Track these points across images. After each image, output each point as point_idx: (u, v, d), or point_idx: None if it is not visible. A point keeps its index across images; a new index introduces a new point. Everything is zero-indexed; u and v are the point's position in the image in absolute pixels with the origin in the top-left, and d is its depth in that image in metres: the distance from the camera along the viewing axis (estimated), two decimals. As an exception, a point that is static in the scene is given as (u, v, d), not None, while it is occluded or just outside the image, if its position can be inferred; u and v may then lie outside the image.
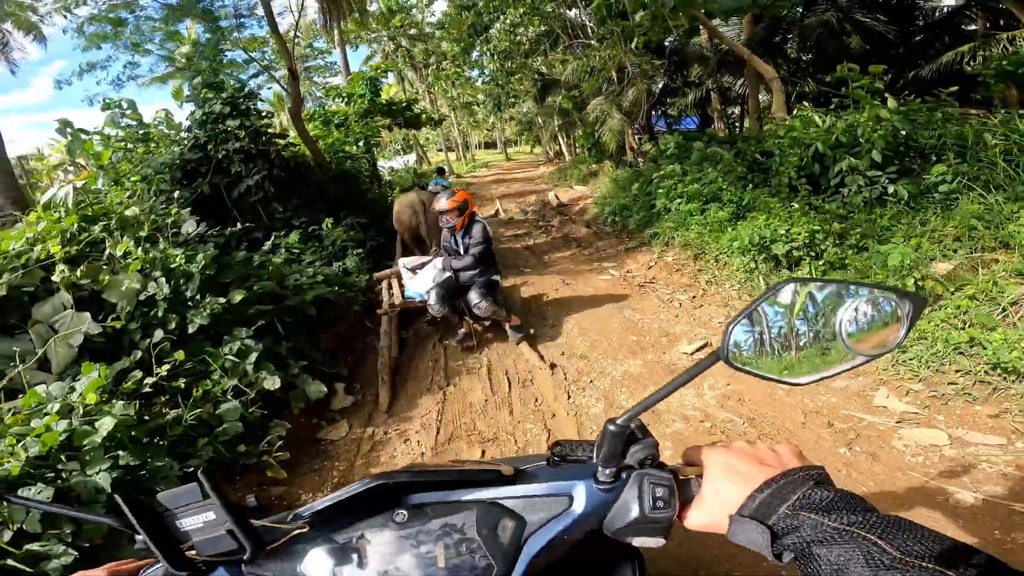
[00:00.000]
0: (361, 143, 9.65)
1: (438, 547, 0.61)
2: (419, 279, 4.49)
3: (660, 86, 13.80)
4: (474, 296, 4.11)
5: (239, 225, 5.47)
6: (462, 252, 4.21)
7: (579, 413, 3.50)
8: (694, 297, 5.29)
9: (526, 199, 15.14)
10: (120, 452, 2.42)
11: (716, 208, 6.40)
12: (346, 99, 10.57)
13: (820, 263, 4.72)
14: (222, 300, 3.11)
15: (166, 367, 2.78)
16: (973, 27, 10.20)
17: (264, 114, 6.61)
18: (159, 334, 3.03)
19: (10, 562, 1.67)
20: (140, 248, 3.19)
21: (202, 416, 2.83)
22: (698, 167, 7.59)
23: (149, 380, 2.58)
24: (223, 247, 4.61)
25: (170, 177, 5.83)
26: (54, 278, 2.97)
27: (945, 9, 11.06)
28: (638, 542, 0.59)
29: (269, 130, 6.77)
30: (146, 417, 2.48)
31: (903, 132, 5.47)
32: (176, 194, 5.59)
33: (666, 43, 12.91)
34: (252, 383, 3.11)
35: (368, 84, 10.81)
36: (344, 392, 3.86)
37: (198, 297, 3.11)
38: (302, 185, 6.70)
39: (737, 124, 14.59)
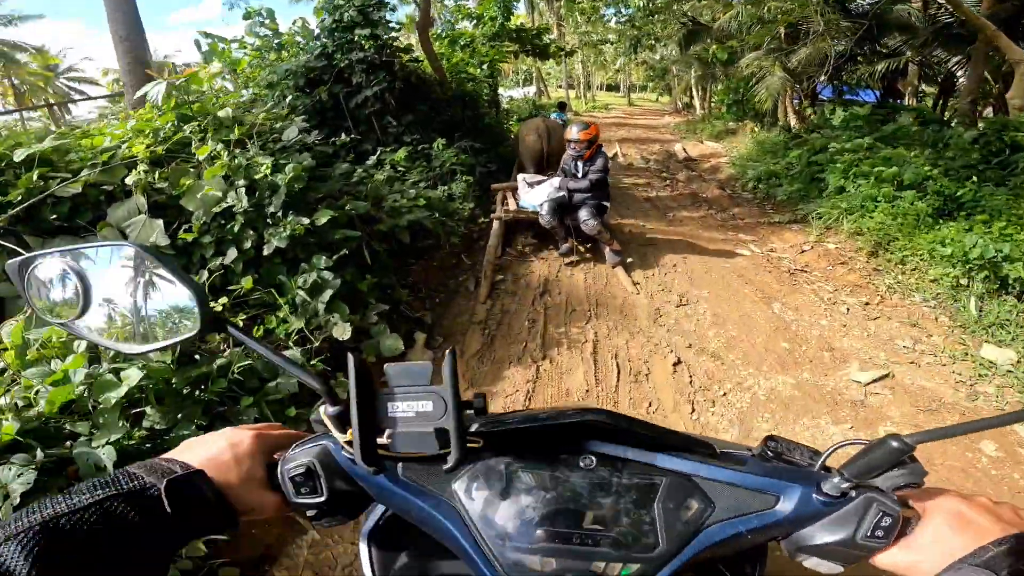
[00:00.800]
0: (485, 66, 8.74)
1: (612, 506, 0.53)
2: (535, 192, 4.71)
3: (841, 49, 11.28)
4: (584, 214, 4.36)
5: (350, 136, 4.98)
6: (580, 176, 4.46)
7: (704, 435, 2.63)
8: (867, 304, 4.02)
9: (649, 147, 13.55)
10: (148, 409, 1.98)
11: (913, 197, 4.87)
12: (476, 21, 9.60)
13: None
14: (305, 221, 2.55)
15: (230, 295, 2.29)
16: None
17: (393, 24, 5.97)
18: (232, 253, 2.55)
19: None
20: (227, 153, 2.69)
21: (255, 365, 2.34)
22: (889, 145, 5.93)
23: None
24: (328, 157, 4.10)
25: (293, 84, 5.46)
26: (128, 180, 2.56)
27: None
28: (813, 563, 0.53)
29: (395, 43, 6.14)
30: (194, 360, 2.00)
31: None
32: (292, 100, 5.20)
33: (865, 3, 10.40)
34: (321, 326, 2.59)
35: (500, 5, 9.74)
36: (424, 345, 3.28)
37: (279, 214, 2.58)
38: (420, 101, 6.06)
39: (936, 106, 11.68)
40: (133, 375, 1.92)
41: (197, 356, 2.42)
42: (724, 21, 11.74)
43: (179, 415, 1.86)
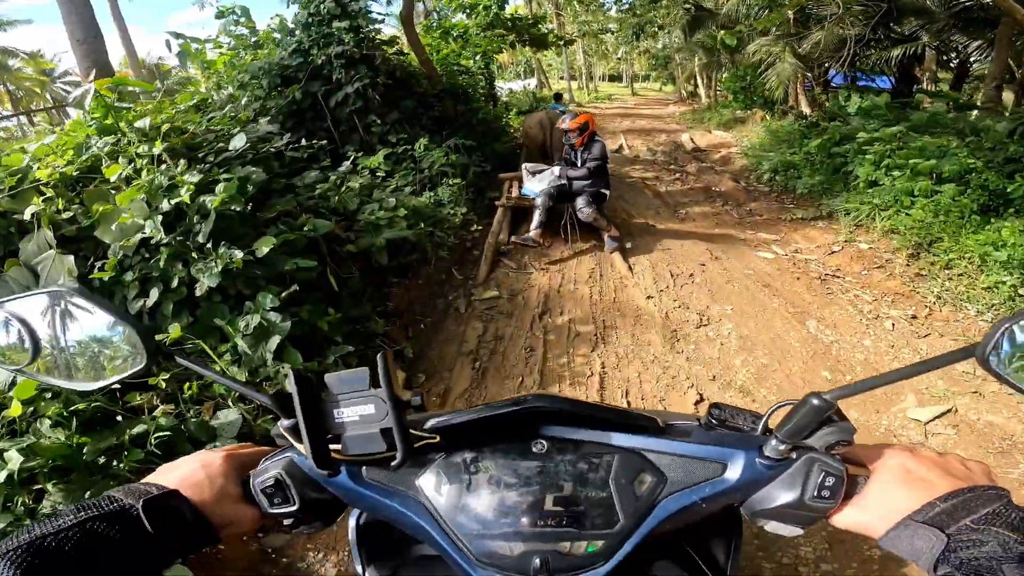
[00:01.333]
0: (479, 57, 8.13)
1: (568, 486, 0.54)
2: (536, 180, 4.82)
3: (853, 33, 10.60)
4: (580, 202, 4.44)
5: (325, 139, 4.47)
6: (579, 165, 4.54)
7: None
8: (915, 318, 3.48)
9: (655, 138, 12.92)
10: (49, 487, 1.58)
11: (954, 191, 4.30)
12: (469, 10, 9.00)
13: None
14: (239, 254, 2.05)
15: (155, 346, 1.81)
16: None
17: (375, 15, 5.43)
18: (155, 293, 2.07)
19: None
20: (149, 171, 2.18)
21: (189, 426, 1.87)
22: (922, 133, 5.35)
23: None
24: (302, 163, 3.61)
25: (268, 83, 4.92)
26: (28, 210, 2.08)
27: None
28: (772, 527, 0.54)
29: (378, 36, 5.59)
30: (114, 422, 1.58)
31: None
32: (264, 102, 4.68)
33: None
34: (271, 376, 2.10)
35: (495, -8, 9.15)
36: (403, 386, 2.78)
37: (209, 245, 2.08)
38: (406, 97, 5.51)
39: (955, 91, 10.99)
40: (14, 458, 1.57)
41: (119, 417, 1.97)
42: (732, 6, 11.01)
43: (87, 492, 1.47)
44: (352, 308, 2.67)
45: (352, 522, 0.67)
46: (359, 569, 0.65)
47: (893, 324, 3.41)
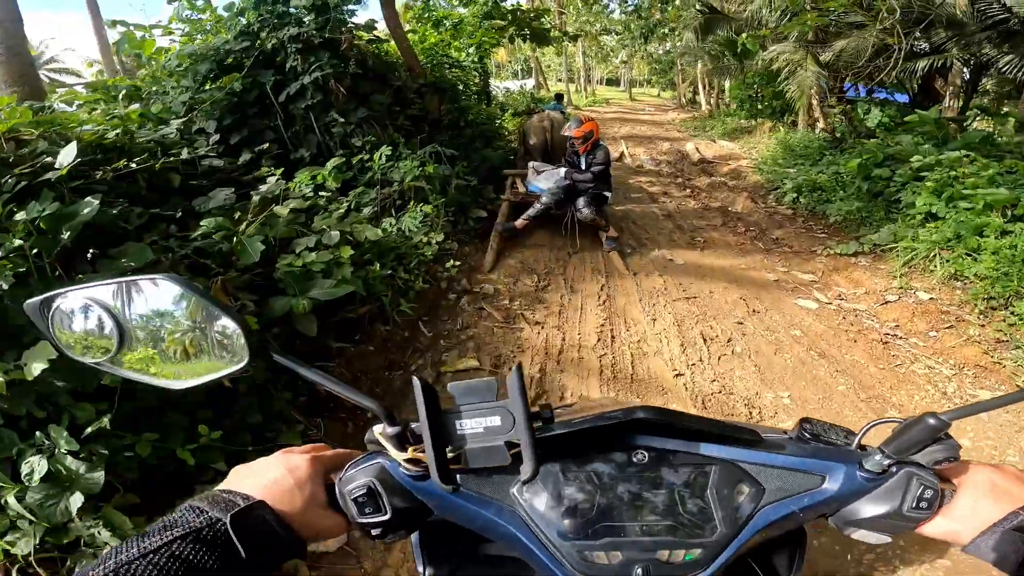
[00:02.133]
0: (473, 49, 7.14)
1: (668, 496, 0.54)
2: (542, 178, 5.01)
3: (880, 43, 9.84)
4: (580, 202, 4.49)
5: (282, 142, 3.55)
6: (583, 168, 4.56)
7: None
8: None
9: (657, 146, 12.09)
10: None
11: (1028, 229, 3.50)
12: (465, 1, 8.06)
13: None
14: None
15: None
16: None
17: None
18: None
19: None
20: None
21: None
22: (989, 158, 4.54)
23: None
24: (233, 177, 2.71)
25: (204, 71, 3.95)
26: None
27: None
28: (861, 535, 0.55)
29: (351, 19, 4.64)
30: None
31: None
32: (195, 95, 3.73)
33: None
34: (87, 543, 1.20)
35: (495, -20, 8.19)
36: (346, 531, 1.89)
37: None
38: (378, 91, 4.55)
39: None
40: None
41: None
42: (754, 8, 10.15)
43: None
44: (251, 412, 1.76)
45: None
46: (420, 569, 0.63)
47: (988, 414, 2.58)
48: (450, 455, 0.50)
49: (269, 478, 0.50)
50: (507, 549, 0.55)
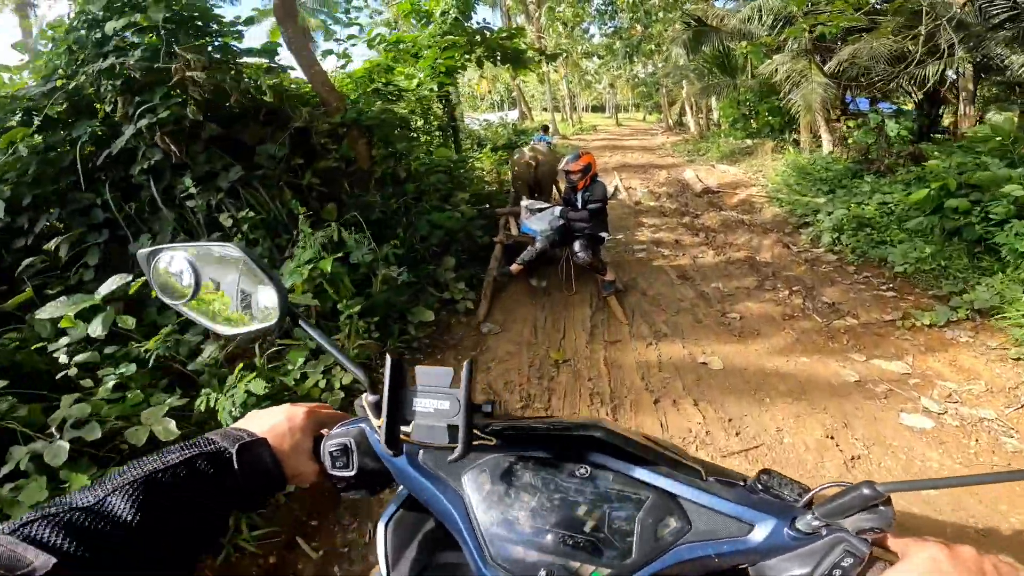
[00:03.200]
0: (424, 75, 5.82)
1: (597, 513, 0.57)
2: (536, 219, 4.64)
3: (911, 47, 8.83)
4: (577, 246, 4.25)
5: (113, 225, 2.28)
6: (580, 206, 4.29)
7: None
8: None
9: (653, 175, 10.98)
10: None
11: None
12: (424, 20, 6.96)
13: None
14: None
15: None
16: None
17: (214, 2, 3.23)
18: None
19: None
20: None
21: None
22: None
23: None
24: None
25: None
26: None
27: None
28: None
29: (237, 43, 3.38)
30: None
31: None
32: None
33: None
34: None
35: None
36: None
37: None
38: (260, 138, 3.22)
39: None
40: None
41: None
42: (746, 17, 9.15)
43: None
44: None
45: (381, 526, 0.67)
46: (384, 572, 0.65)
47: None
48: (408, 430, 0.57)
49: (272, 422, 0.61)
50: (463, 557, 0.58)
